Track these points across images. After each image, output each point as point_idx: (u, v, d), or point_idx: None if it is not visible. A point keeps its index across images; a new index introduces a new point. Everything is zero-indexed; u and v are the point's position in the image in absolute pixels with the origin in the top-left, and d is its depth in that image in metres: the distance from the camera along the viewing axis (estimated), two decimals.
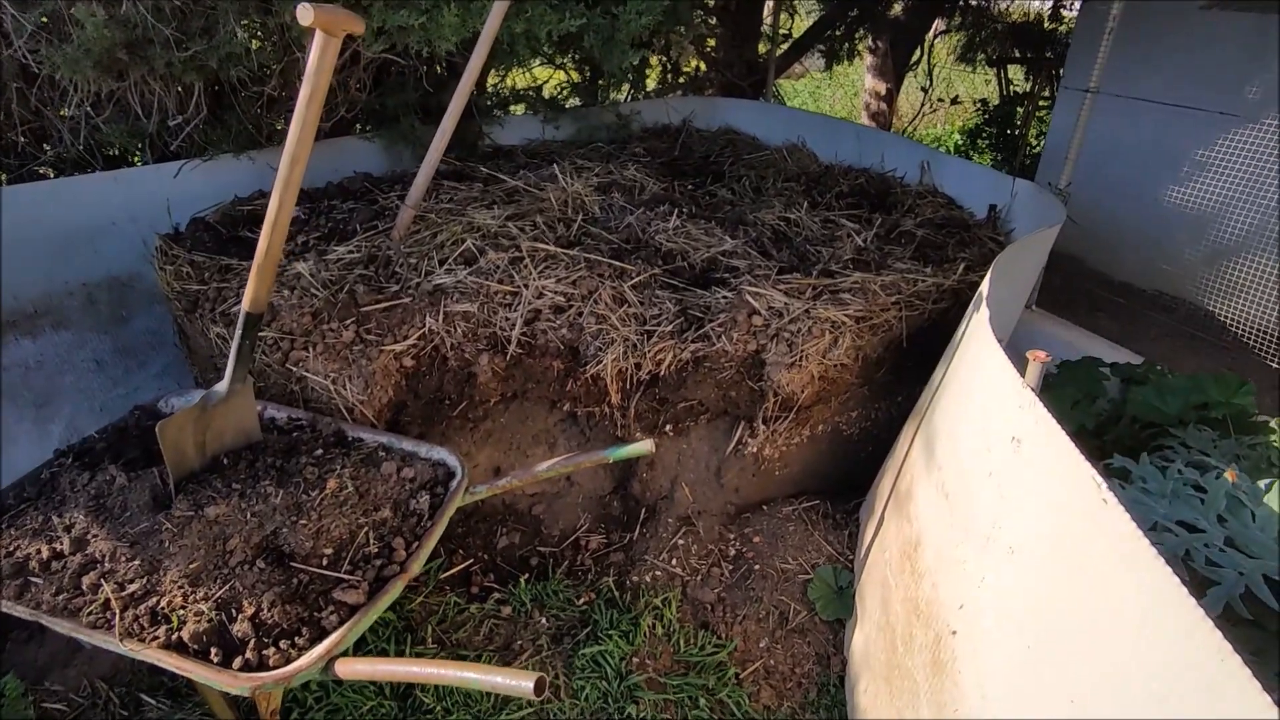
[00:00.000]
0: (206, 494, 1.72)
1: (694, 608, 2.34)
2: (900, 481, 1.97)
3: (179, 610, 1.53)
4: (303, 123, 1.46)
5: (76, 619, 1.51)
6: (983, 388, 1.52)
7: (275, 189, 1.52)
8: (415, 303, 2.36)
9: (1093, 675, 1.03)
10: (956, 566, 1.51)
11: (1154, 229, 3.48)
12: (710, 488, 2.52)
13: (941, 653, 1.51)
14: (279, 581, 1.61)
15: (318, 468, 1.87)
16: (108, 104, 3.11)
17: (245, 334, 1.66)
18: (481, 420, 2.48)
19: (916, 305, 2.41)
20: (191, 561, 1.59)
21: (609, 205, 3.12)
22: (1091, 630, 1.05)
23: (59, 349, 3.07)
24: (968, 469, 1.53)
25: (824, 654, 2.20)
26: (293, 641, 1.54)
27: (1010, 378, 1.36)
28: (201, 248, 2.78)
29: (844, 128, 4.17)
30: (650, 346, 2.30)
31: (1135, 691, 0.95)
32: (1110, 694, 0.99)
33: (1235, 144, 2.92)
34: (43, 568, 1.59)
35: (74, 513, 1.66)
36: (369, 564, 1.72)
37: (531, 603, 2.35)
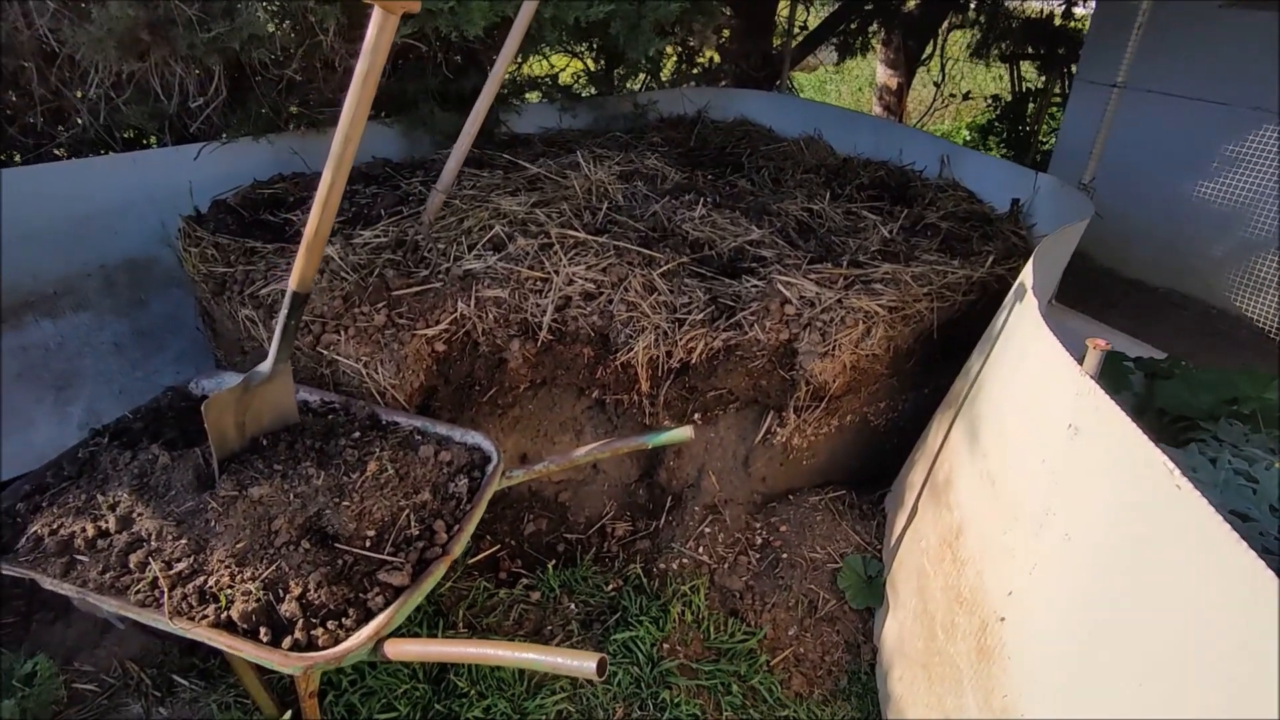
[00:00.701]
0: (249, 474, 1.71)
1: (722, 595, 2.35)
2: (937, 471, 1.98)
3: (227, 589, 1.53)
4: (357, 100, 1.45)
5: (124, 597, 1.51)
6: (1033, 376, 1.53)
7: (327, 167, 1.52)
8: (446, 287, 2.35)
9: (1165, 660, 1.04)
10: (1004, 554, 1.52)
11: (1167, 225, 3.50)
12: (737, 476, 2.53)
13: (988, 639, 1.53)
14: (324, 562, 1.61)
15: (357, 450, 1.86)
16: (128, 85, 3.08)
17: (291, 314, 1.66)
18: (510, 406, 2.48)
19: (947, 297, 2.42)
20: (238, 541, 1.58)
21: (632, 194, 3.11)
22: (1163, 615, 1.06)
23: (79, 331, 3.05)
24: (1017, 456, 1.54)
25: (854, 642, 2.22)
26: (340, 622, 1.54)
27: (1067, 366, 1.37)
28: (225, 230, 2.77)
29: (861, 120, 4.17)
30: (681, 334, 2.29)
31: (1213, 677, 0.96)
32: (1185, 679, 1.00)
33: (1264, 140, 2.93)
34: (88, 545, 1.58)
35: (118, 491, 1.66)
36: (411, 546, 1.72)
37: (560, 588, 2.35)
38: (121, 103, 3.11)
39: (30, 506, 1.70)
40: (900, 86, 5.75)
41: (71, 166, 3.01)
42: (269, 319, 2.33)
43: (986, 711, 1.49)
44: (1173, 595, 1.05)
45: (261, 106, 3.35)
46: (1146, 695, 1.07)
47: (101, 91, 3.06)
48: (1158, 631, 1.07)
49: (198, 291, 2.66)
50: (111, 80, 3.03)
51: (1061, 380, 1.38)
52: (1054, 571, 1.34)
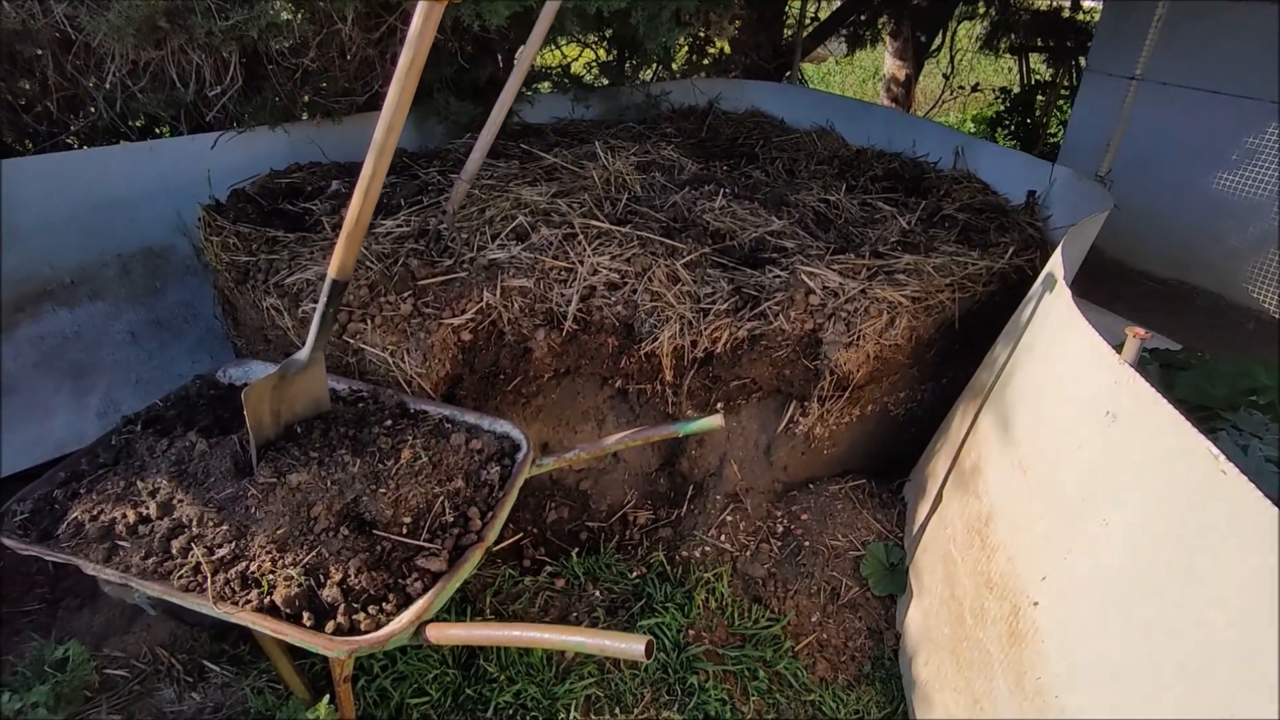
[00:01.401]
0: (286, 461, 1.72)
1: (745, 582, 2.37)
2: (963, 459, 2.00)
3: (269, 575, 1.55)
4: (401, 89, 1.45)
5: (167, 582, 1.52)
6: (1067, 364, 1.55)
7: (370, 155, 1.52)
8: (472, 277, 2.36)
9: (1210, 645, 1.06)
10: (1037, 540, 1.54)
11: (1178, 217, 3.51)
12: (759, 465, 2.55)
13: (1020, 624, 1.55)
14: (363, 548, 1.63)
15: (390, 438, 1.88)
16: (144, 73, 3.08)
17: (330, 302, 1.66)
18: (534, 396, 2.49)
19: (968, 287, 2.44)
20: (278, 527, 1.60)
21: (650, 184, 3.12)
22: (1208, 599, 1.08)
23: (95, 320, 3.05)
24: (1050, 444, 1.56)
25: (876, 628, 2.24)
26: (380, 607, 1.56)
27: (1104, 354, 1.39)
28: (245, 219, 2.77)
29: (874, 112, 4.17)
30: (706, 324, 2.31)
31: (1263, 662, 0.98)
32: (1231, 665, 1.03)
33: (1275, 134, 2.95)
34: (130, 531, 1.59)
35: (157, 478, 1.67)
36: (446, 533, 1.74)
37: (584, 575, 2.37)
38: (138, 90, 3.10)
39: (68, 493, 1.71)
40: (909, 78, 5.76)
41: (89, 155, 3.00)
42: (294, 307, 2.34)
43: (1018, 694, 1.52)
44: (1218, 579, 1.07)
45: (277, 96, 3.34)
46: (1191, 680, 1.10)
47: (117, 79, 3.06)
48: (1202, 615, 1.10)
49: (218, 280, 2.66)
50: (128, 68, 3.02)
51: (1099, 368, 1.40)
52: (1091, 556, 1.36)
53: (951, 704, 1.79)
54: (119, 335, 3.12)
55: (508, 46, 4.18)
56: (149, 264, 3.17)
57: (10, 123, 3.10)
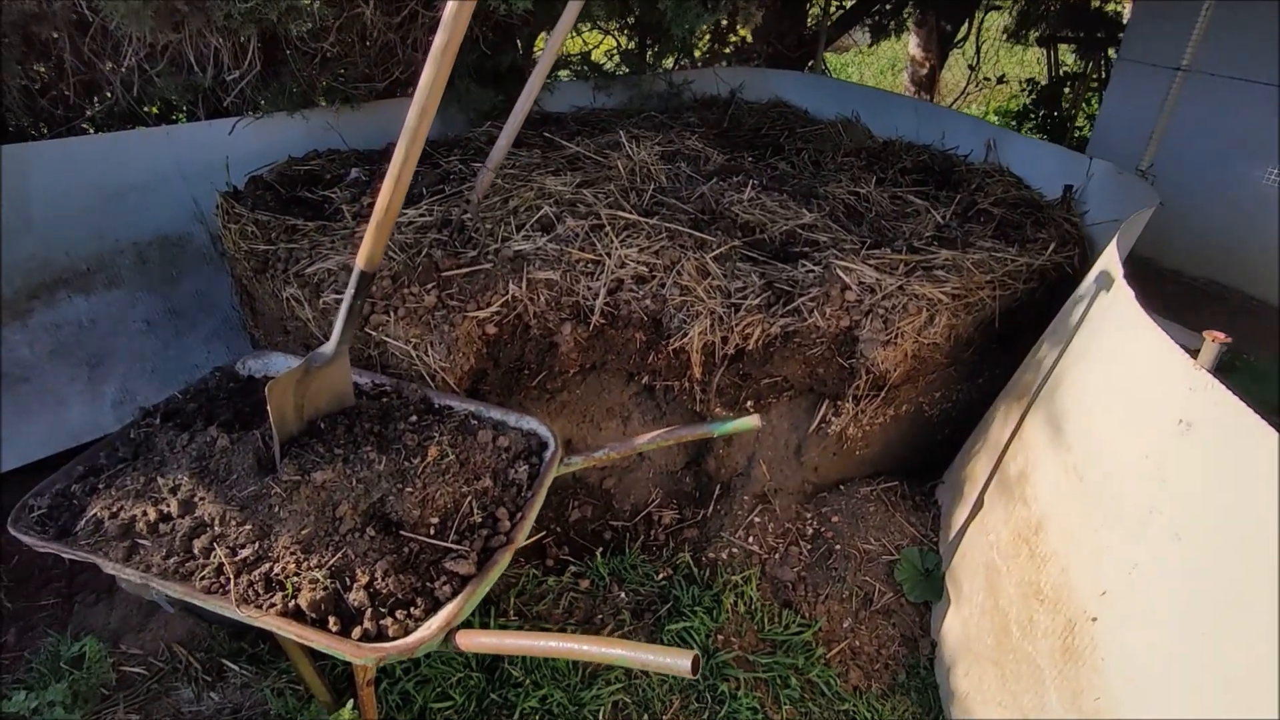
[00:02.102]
0: (310, 458, 1.67)
1: (774, 586, 2.31)
2: (1007, 464, 1.93)
3: (293, 577, 1.49)
4: (436, 73, 1.38)
5: (189, 583, 1.47)
6: (1133, 368, 1.47)
7: (401, 141, 1.46)
8: (497, 269, 2.30)
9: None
10: (1095, 552, 1.47)
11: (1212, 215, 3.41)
12: (789, 466, 2.48)
13: (1076, 639, 1.48)
14: (390, 550, 1.57)
15: (416, 435, 1.82)
16: (161, 57, 3.01)
17: (358, 294, 1.60)
18: (558, 391, 2.43)
19: (1008, 285, 2.36)
20: (303, 527, 1.54)
21: (676, 174, 3.05)
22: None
23: (111, 308, 3.01)
24: (1111, 452, 1.48)
25: (910, 636, 2.18)
26: (408, 612, 1.50)
27: (1178, 359, 1.31)
28: (264, 207, 2.71)
29: (902, 103, 4.08)
30: (737, 320, 2.24)
31: None
32: None
33: None
34: (150, 530, 1.54)
35: (177, 474, 1.61)
36: (475, 534, 1.68)
37: (610, 576, 2.31)
38: (155, 75, 3.04)
39: (86, 488, 1.66)
40: (932, 69, 5.64)
41: (105, 140, 2.94)
42: (314, 298, 2.28)
43: (1074, 712, 1.45)
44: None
45: (296, 81, 3.28)
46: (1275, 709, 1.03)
47: (134, 63, 3.00)
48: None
49: (237, 269, 2.61)
50: (145, 51, 2.96)
51: (1172, 374, 1.33)
52: (1160, 572, 1.29)
53: (996, 715, 1.72)
54: (135, 324, 3.08)
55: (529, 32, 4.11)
56: (165, 252, 3.12)
57: (26, 107, 3.04)
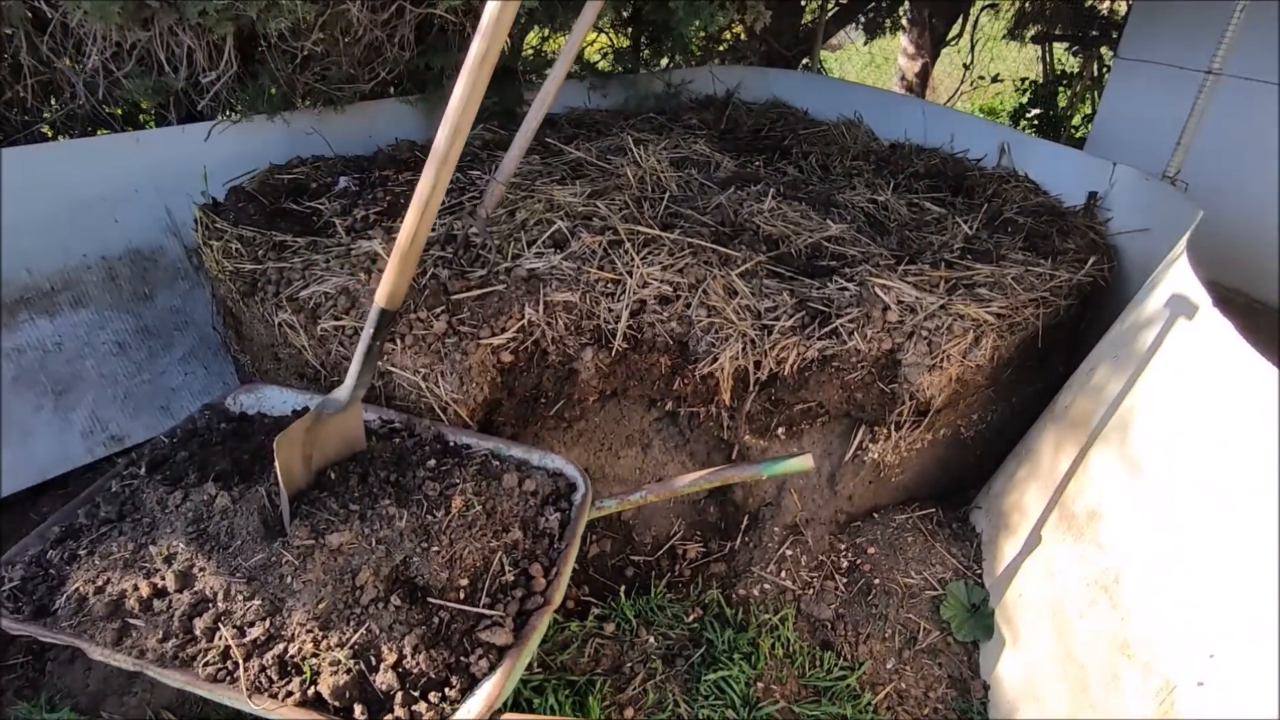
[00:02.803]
0: (323, 517, 1.48)
1: (811, 625, 2.18)
2: (1070, 500, 1.81)
3: (311, 658, 1.31)
4: (471, 87, 1.21)
5: (191, 671, 1.29)
6: (1244, 413, 1.35)
7: (429, 166, 1.28)
8: (510, 290, 2.12)
9: None
10: (1199, 610, 1.36)
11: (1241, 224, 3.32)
12: (821, 495, 2.35)
13: (1176, 705, 1.36)
14: (418, 621, 1.40)
15: (437, 482, 1.64)
16: (129, 56, 2.78)
17: (377, 334, 1.42)
18: (576, 420, 2.27)
19: (1051, 302, 2.25)
20: (319, 600, 1.36)
21: (687, 182, 2.89)
22: None
23: (78, 329, 2.77)
24: (1219, 502, 1.37)
25: (959, 677, 2.06)
26: (443, 694, 1.33)
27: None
28: (247, 221, 2.50)
29: (905, 103, 3.97)
30: (770, 343, 2.09)
31: None
32: None
33: None
34: (143, 607, 1.35)
35: (172, 540, 1.42)
36: (508, 595, 1.52)
37: (635, 619, 2.16)
38: (122, 76, 2.80)
39: (64, 554, 1.46)
40: (925, 67, 5.55)
41: (69, 147, 2.71)
42: (311, 324, 2.09)
43: None
44: None
45: (275, 82, 3.06)
46: None
47: (99, 63, 2.75)
48: None
49: (220, 290, 2.39)
50: (111, 50, 2.72)
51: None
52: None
53: None
54: (105, 346, 2.84)
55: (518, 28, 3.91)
56: (136, 267, 2.89)
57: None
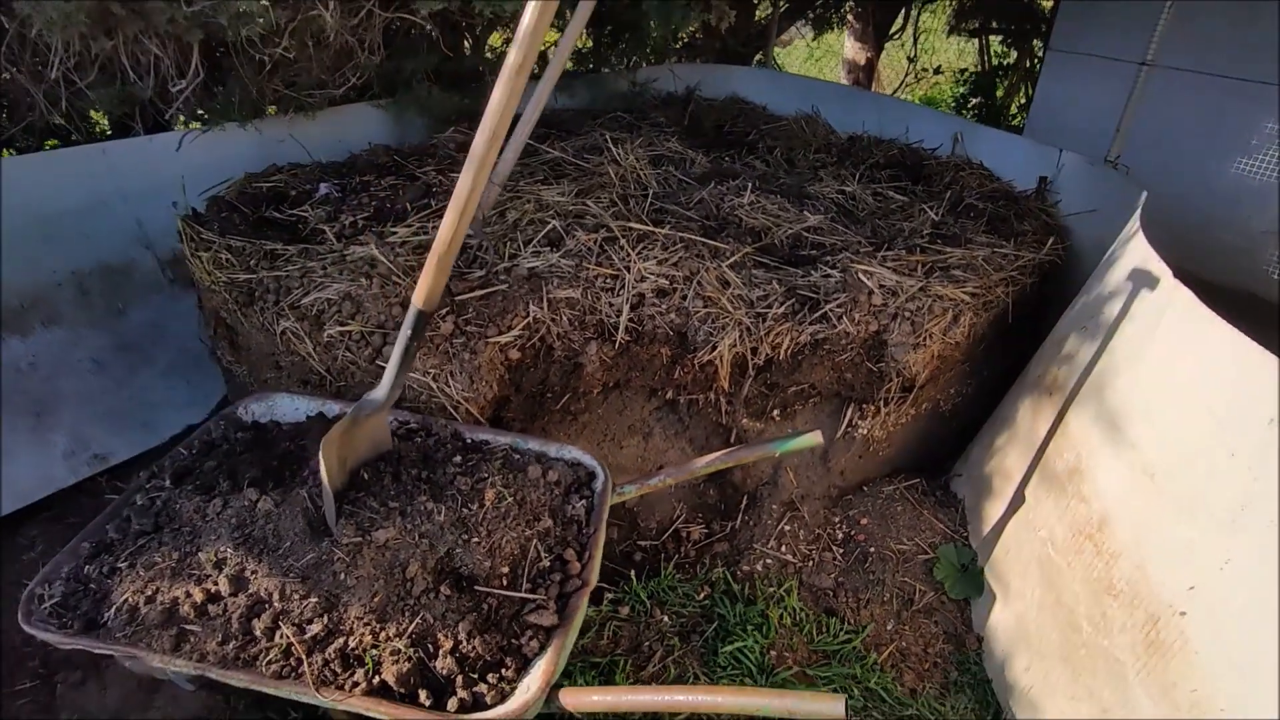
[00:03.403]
0: (366, 515, 1.52)
1: (814, 595, 2.30)
2: (1051, 460, 1.97)
3: (371, 650, 1.36)
4: (509, 94, 1.27)
5: (255, 670, 1.32)
6: (1209, 368, 1.51)
7: (466, 170, 1.33)
8: (513, 289, 2.18)
9: None
10: (1177, 547, 1.52)
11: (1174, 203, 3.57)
12: (815, 471, 2.47)
13: (1161, 634, 1.52)
14: (468, 609, 1.46)
15: (467, 477, 1.70)
16: (93, 66, 2.71)
17: (415, 335, 1.47)
18: (581, 412, 2.33)
19: (1018, 281, 2.41)
20: (374, 594, 1.41)
21: (666, 179, 2.98)
22: None
23: (52, 348, 2.72)
24: (1185, 450, 1.53)
25: (955, 633, 2.21)
26: (499, 674, 1.40)
27: (1263, 360, 1.36)
28: (233, 231, 2.48)
29: (862, 97, 4.14)
30: (765, 330, 2.20)
31: None
32: None
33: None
34: (198, 613, 1.37)
35: (218, 546, 1.44)
36: (547, 579, 1.59)
37: (649, 600, 2.24)
38: (85, 86, 2.73)
39: (102, 569, 1.47)
40: (870, 61, 5.76)
41: (34, 161, 2.64)
42: (316, 330, 2.10)
43: (1167, 705, 1.49)
44: None
45: (244, 89, 3.02)
46: None
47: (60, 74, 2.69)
48: None
49: (213, 301, 2.38)
50: (74, 60, 2.66)
51: (1257, 375, 1.37)
52: (1259, 565, 1.33)
53: (1069, 711, 1.76)
54: (81, 364, 2.78)
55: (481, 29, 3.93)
56: (108, 282, 2.84)
57: None
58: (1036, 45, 5.52)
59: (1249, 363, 1.40)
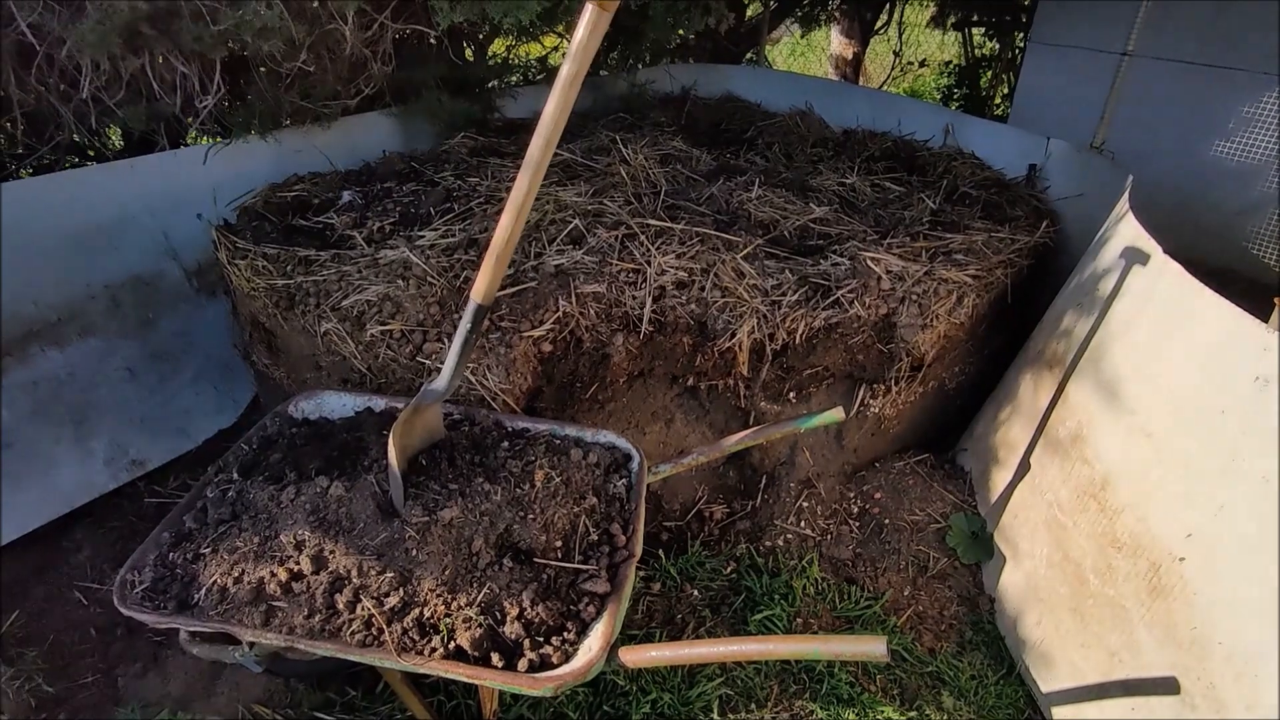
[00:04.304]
0: (430, 496, 1.64)
1: (834, 566, 2.43)
2: (1054, 428, 2.11)
3: (445, 619, 1.48)
4: (563, 104, 1.39)
5: (340, 640, 1.43)
6: (1198, 334, 1.65)
7: (523, 173, 1.45)
8: (543, 286, 2.30)
9: None
10: (1174, 500, 1.66)
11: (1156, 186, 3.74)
12: (830, 450, 2.61)
13: (1163, 579, 1.66)
14: (529, 579, 1.58)
15: (516, 460, 1.81)
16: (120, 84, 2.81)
17: (474, 328, 1.58)
18: (608, 401, 2.46)
19: (1016, 263, 2.56)
20: (444, 568, 1.53)
21: (675, 177, 3.11)
22: None
23: (89, 358, 2.81)
24: (1183, 410, 1.66)
25: (967, 595, 2.35)
26: (563, 637, 1.52)
27: (1250, 324, 1.50)
28: (266, 239, 2.59)
29: (854, 92, 4.27)
30: (781, 316, 2.33)
31: None
32: None
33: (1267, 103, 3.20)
34: (284, 590, 1.48)
35: (297, 530, 1.55)
36: (597, 552, 1.71)
37: (679, 576, 2.37)
38: (113, 105, 2.83)
39: (186, 556, 1.57)
40: (856, 56, 5.91)
41: (65, 179, 2.73)
42: (357, 330, 2.22)
43: (1171, 644, 1.63)
44: None
45: (263, 102, 3.13)
46: None
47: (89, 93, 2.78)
48: None
49: (252, 306, 2.48)
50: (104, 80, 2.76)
51: (1245, 337, 1.51)
52: (1252, 509, 1.47)
53: (1079, 659, 1.90)
54: (116, 373, 2.88)
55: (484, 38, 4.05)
56: (139, 293, 2.93)
57: None
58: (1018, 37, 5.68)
59: (1236, 328, 1.54)
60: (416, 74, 3.48)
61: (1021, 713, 2.04)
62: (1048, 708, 1.99)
